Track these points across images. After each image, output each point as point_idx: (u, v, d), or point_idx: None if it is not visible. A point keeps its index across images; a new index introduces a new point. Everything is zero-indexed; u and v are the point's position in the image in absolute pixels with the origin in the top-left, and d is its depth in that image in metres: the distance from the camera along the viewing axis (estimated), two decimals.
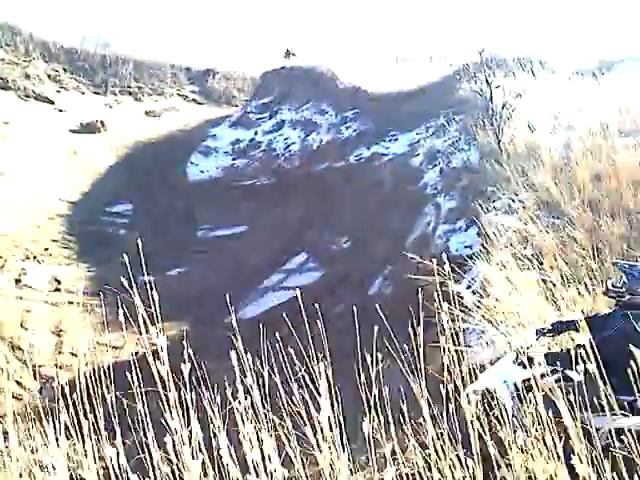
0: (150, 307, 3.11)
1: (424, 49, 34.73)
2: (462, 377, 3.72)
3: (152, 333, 3.07)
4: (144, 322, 2.96)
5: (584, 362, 3.24)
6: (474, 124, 15.78)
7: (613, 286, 4.25)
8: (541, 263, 7.52)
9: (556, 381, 4.22)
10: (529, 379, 4.32)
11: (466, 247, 12.20)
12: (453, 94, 20.57)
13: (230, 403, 3.18)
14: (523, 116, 14.96)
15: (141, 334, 3.07)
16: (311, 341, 3.65)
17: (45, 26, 33.54)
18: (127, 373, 3.50)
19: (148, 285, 3.07)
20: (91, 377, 3.30)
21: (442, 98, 21.40)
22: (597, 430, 3.19)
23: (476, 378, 4.94)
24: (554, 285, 6.61)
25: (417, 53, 33.88)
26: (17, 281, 15.55)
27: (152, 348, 2.94)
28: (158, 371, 2.99)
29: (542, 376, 4.30)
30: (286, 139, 27.48)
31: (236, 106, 33.62)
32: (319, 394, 3.02)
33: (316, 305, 4.27)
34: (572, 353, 3.30)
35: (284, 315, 4.26)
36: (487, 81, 15.06)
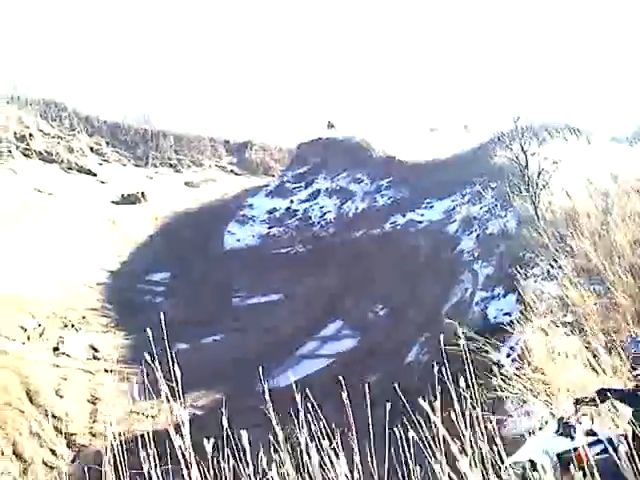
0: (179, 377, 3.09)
1: (458, 118, 35.15)
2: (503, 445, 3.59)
3: (179, 405, 3.04)
4: (171, 393, 2.93)
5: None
6: (510, 191, 15.76)
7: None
8: (582, 330, 7.35)
9: (598, 453, 4.07)
10: (571, 450, 4.17)
11: (505, 314, 11.97)
12: (488, 162, 20.66)
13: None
14: (559, 183, 14.91)
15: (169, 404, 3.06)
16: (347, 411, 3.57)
17: (89, 102, 35.11)
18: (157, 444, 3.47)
19: (174, 356, 3.06)
20: (123, 445, 3.27)
21: (477, 166, 21.51)
22: None
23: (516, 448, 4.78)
24: (595, 354, 6.43)
25: (451, 122, 34.28)
26: (55, 349, 15.71)
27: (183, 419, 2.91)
28: (180, 447, 2.95)
29: (584, 447, 4.15)
30: (322, 207, 27.76)
31: (273, 176, 34.27)
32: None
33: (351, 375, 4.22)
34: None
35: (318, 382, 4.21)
36: (522, 148, 15.10)
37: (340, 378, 4.02)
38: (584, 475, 4.08)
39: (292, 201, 29.28)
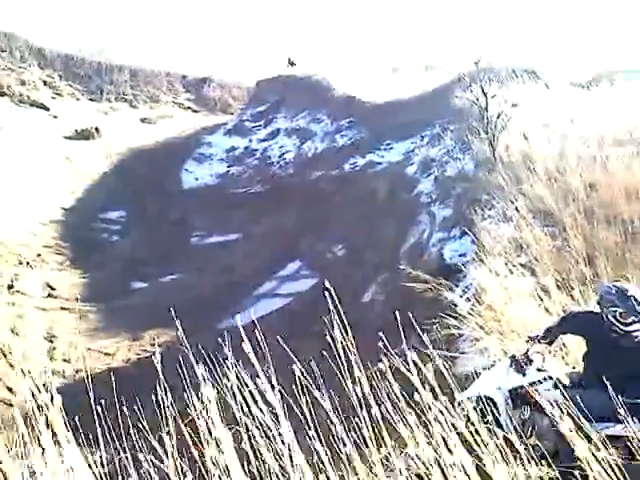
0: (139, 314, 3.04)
1: (420, 59, 34.84)
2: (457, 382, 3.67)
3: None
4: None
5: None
6: (469, 133, 15.78)
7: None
8: (535, 270, 7.51)
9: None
10: (523, 386, 4.31)
11: (460, 255, 12.17)
12: (449, 104, 20.60)
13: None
14: (518, 126, 14.98)
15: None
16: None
17: (42, 33, 33.61)
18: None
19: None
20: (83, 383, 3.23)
21: (437, 107, 21.43)
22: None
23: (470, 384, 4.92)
24: (548, 292, 6.59)
25: (413, 63, 33.96)
26: (9, 287, 15.48)
27: (144, 355, 2.87)
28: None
29: (535, 383, 4.29)
30: (281, 147, 27.55)
31: (231, 114, 33.68)
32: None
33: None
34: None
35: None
36: (483, 91, 15.07)
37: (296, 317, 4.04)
38: (533, 410, 4.24)
39: (251, 140, 28.97)
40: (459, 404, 4.34)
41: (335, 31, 68.63)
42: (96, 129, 27.58)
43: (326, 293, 3.15)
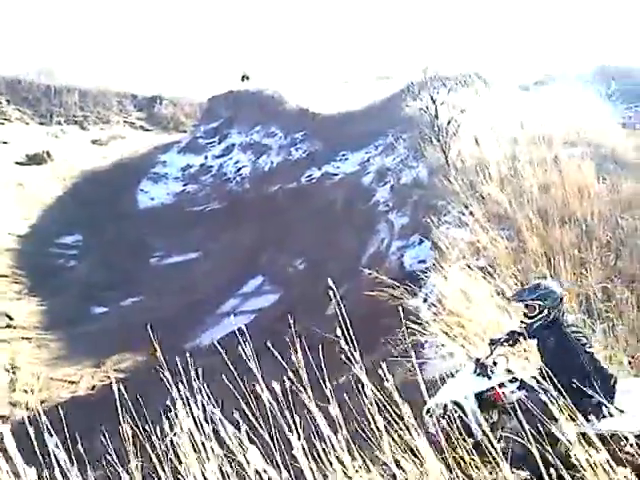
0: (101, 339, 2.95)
1: (370, 70, 35.14)
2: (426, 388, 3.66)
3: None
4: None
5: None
6: (421, 141, 15.93)
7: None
8: (493, 274, 7.58)
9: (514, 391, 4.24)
10: (489, 389, 4.32)
11: (420, 262, 12.24)
12: (400, 112, 20.78)
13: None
14: (469, 131, 15.17)
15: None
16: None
17: None
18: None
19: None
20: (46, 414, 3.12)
21: (390, 117, 21.62)
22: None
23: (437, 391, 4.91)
24: (506, 294, 6.65)
25: (364, 74, 34.25)
26: None
27: (109, 381, 2.79)
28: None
29: (501, 385, 4.31)
30: (236, 163, 27.46)
31: (184, 132, 33.46)
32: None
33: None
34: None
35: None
36: (432, 98, 15.22)
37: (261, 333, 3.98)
38: (500, 412, 4.25)
39: (206, 157, 28.82)
40: (427, 411, 4.35)
41: (287, 44, 68.88)
42: (47, 153, 27.11)
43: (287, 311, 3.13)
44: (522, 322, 4.30)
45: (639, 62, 22.09)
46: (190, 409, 2.82)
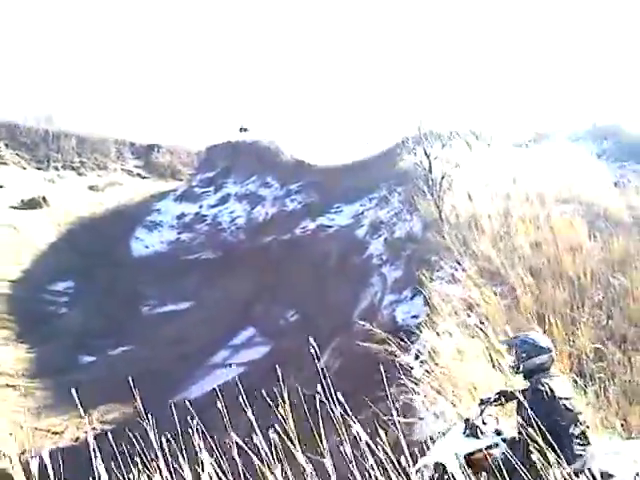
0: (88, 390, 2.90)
1: (365, 124, 35.64)
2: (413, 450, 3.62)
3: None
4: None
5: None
6: (415, 195, 16.05)
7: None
8: (485, 330, 7.55)
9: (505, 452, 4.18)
10: (478, 450, 4.27)
11: (412, 317, 12.19)
12: (394, 166, 21.01)
13: None
14: (462, 186, 15.31)
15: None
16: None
17: None
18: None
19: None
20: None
21: (384, 170, 21.83)
22: None
23: (427, 450, 4.84)
24: (500, 352, 6.62)
25: (359, 128, 34.70)
26: None
27: (94, 433, 2.74)
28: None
29: (490, 447, 4.26)
30: (231, 212, 27.55)
31: (181, 180, 33.67)
32: None
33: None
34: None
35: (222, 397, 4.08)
36: (426, 153, 15.41)
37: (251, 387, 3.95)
38: (488, 474, 4.19)
39: (201, 206, 28.92)
40: (417, 471, 4.28)
41: (283, 95, 70.01)
42: (43, 198, 27.16)
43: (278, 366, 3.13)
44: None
45: (628, 121, 22.30)
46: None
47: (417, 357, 9.03)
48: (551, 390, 3.96)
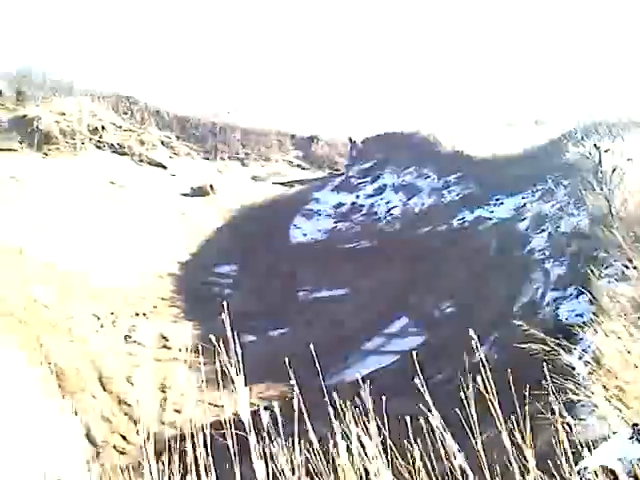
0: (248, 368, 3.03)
1: (529, 113, 34.25)
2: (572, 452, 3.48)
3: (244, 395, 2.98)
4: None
5: None
6: (583, 188, 15.27)
7: None
8: None
9: None
10: None
11: (577, 315, 11.65)
12: (560, 158, 20.09)
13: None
14: (635, 180, 14.35)
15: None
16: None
17: (159, 96, 35.94)
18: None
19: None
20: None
21: (548, 162, 20.96)
22: None
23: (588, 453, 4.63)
24: None
25: (522, 117, 33.43)
26: (126, 337, 16.19)
27: (253, 408, 2.89)
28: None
29: None
30: (387, 202, 27.66)
31: (338, 171, 34.33)
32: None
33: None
34: None
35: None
36: (595, 145, 14.62)
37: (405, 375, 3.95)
38: None
39: (358, 196, 29.32)
40: (578, 473, 4.12)
41: (441, 87, 68.91)
42: (211, 186, 28.89)
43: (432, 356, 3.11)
44: None
45: None
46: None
47: (580, 357, 8.64)
48: None
